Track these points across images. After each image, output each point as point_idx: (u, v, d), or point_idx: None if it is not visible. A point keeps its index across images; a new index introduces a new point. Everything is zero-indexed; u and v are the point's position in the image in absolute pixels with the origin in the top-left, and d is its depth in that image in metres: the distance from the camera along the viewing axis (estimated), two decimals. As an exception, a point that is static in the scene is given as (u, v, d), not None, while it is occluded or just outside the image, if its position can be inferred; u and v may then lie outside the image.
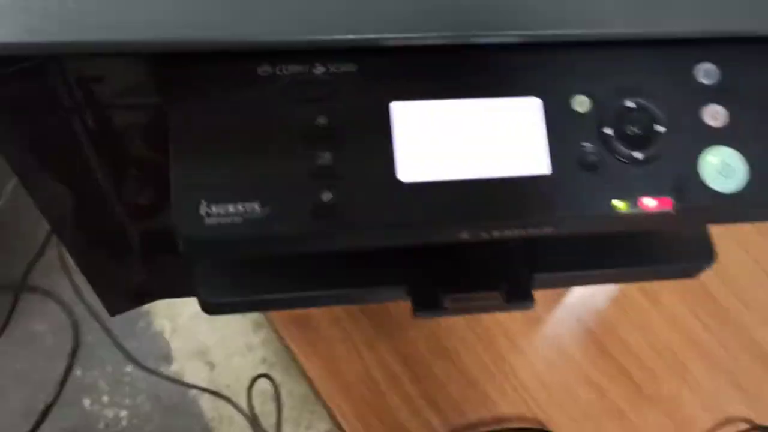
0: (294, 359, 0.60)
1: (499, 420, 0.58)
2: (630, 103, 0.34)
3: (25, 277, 1.31)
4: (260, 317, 1.37)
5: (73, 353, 1.31)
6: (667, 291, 0.64)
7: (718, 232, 0.65)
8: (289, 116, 0.32)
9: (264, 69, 0.32)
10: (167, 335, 1.35)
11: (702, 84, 0.35)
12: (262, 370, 1.33)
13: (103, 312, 1.32)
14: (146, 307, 1.36)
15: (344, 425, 0.57)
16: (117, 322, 1.32)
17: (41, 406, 1.26)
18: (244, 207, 0.31)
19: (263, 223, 0.31)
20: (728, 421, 0.59)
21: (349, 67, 0.33)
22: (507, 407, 0.58)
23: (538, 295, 0.61)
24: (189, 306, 1.37)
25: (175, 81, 0.32)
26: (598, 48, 0.34)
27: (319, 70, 0.33)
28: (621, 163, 0.34)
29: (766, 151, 0.35)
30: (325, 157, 0.32)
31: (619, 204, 0.34)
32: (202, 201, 0.31)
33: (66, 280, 1.33)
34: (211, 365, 1.33)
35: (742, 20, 0.34)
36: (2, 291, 1.31)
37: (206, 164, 0.32)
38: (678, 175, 0.34)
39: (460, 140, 0.34)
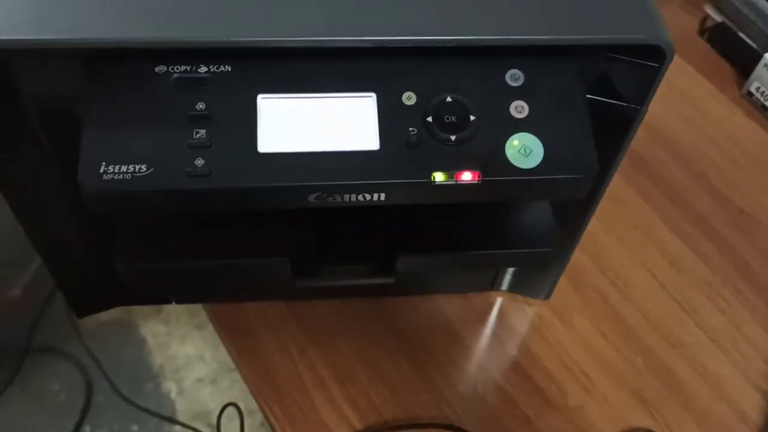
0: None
1: (413, 419, 0.63)
2: (449, 99, 0.43)
3: (30, 337, 1.41)
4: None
5: (84, 411, 1.39)
6: (578, 313, 0.70)
7: (629, 263, 0.71)
8: (175, 103, 0.42)
9: (160, 68, 0.43)
10: (173, 397, 1.42)
11: (510, 85, 0.44)
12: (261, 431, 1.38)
13: (113, 373, 1.41)
14: (155, 370, 1.45)
15: (273, 421, 0.64)
16: (126, 383, 1.41)
17: (50, 461, 1.33)
18: (134, 168, 0.41)
19: (147, 180, 0.41)
20: (631, 430, 0.64)
21: (226, 68, 0.43)
22: (421, 409, 0.64)
23: (460, 313, 0.68)
24: (194, 371, 1.45)
25: (90, 75, 0.42)
26: (427, 56, 0.44)
27: (202, 69, 0.43)
28: (440, 143, 0.43)
29: (557, 136, 0.43)
30: (201, 134, 0.42)
31: (438, 175, 0.42)
32: (102, 163, 0.41)
33: (82, 341, 1.43)
34: (212, 427, 1.39)
35: (536, 33, 0.43)
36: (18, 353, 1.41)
37: (108, 136, 0.42)
38: (487, 155, 0.43)
39: (310, 124, 0.43)
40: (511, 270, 0.65)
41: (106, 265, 0.58)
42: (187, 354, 1.47)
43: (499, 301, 0.70)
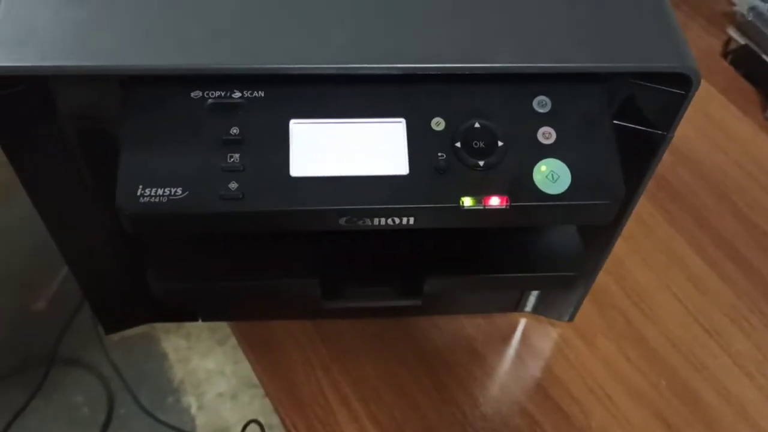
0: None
1: (436, 440, 0.64)
2: (477, 124, 0.44)
3: (55, 349, 1.42)
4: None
5: (106, 424, 1.40)
6: (602, 335, 0.70)
7: (653, 285, 0.72)
8: (210, 127, 0.43)
9: (195, 93, 0.44)
10: (193, 411, 1.43)
11: (538, 111, 0.45)
12: (280, 448, 1.38)
13: (135, 386, 1.42)
14: (176, 384, 1.46)
15: (296, 438, 0.64)
16: (148, 397, 1.42)
17: (71, 473, 1.34)
18: (169, 191, 0.42)
19: (182, 203, 0.42)
20: (654, 454, 0.64)
21: (259, 93, 0.44)
22: (444, 429, 0.64)
23: (483, 333, 0.69)
24: (215, 386, 1.46)
25: (128, 99, 0.44)
26: (455, 82, 0.45)
27: (236, 94, 0.44)
28: (469, 169, 0.43)
29: (584, 162, 0.43)
30: (235, 158, 0.43)
31: (466, 200, 0.43)
32: (139, 185, 0.42)
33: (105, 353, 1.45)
34: (232, 442, 1.40)
35: (563, 60, 0.44)
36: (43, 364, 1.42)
37: (145, 160, 0.43)
38: (515, 180, 0.43)
39: (341, 149, 0.44)
40: (535, 292, 0.66)
41: (137, 283, 0.59)
42: (207, 369, 1.48)
43: (522, 322, 0.70)
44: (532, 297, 0.68)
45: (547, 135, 0.44)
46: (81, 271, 0.58)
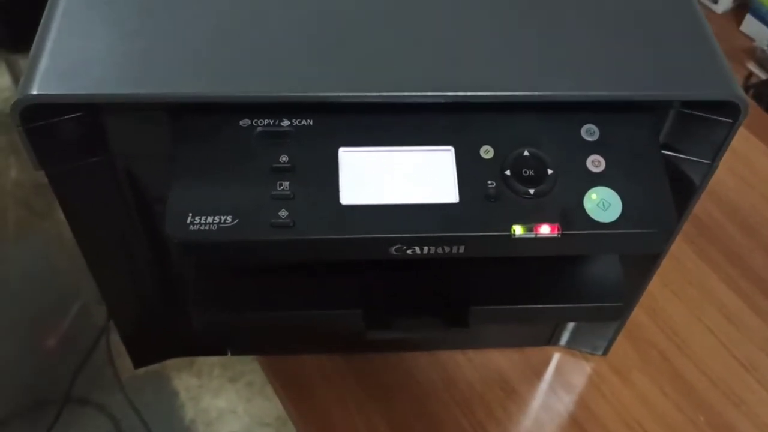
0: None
1: (472, 478, 0.62)
2: (527, 152, 0.44)
3: (71, 387, 1.40)
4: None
5: (116, 464, 1.38)
6: (637, 370, 0.69)
7: (686, 320, 0.71)
8: (259, 155, 0.43)
9: (244, 121, 0.44)
10: (205, 449, 1.41)
11: (586, 140, 0.45)
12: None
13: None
14: (187, 423, 1.44)
15: (330, 477, 0.63)
16: (159, 434, 1.40)
17: None
18: (219, 218, 0.42)
19: (232, 230, 0.42)
20: (695, 491, 0.62)
21: (308, 122, 0.44)
22: (480, 468, 0.63)
23: (516, 367, 0.68)
24: (227, 425, 1.44)
25: (178, 128, 0.44)
26: (503, 110, 0.45)
27: (285, 123, 0.44)
28: (519, 197, 0.43)
29: (635, 190, 0.43)
30: (285, 186, 0.43)
31: (517, 229, 0.43)
32: (189, 213, 0.42)
33: (115, 393, 1.43)
34: (244, 480, 1.37)
35: (612, 89, 0.44)
36: (53, 403, 1.40)
37: (195, 187, 0.43)
38: (565, 208, 0.43)
39: (390, 177, 0.44)
40: (570, 325, 0.65)
41: (170, 316, 0.58)
42: (219, 408, 1.46)
43: (556, 357, 0.69)
44: (566, 331, 0.67)
45: (596, 163, 0.44)
46: (117, 305, 0.57)
